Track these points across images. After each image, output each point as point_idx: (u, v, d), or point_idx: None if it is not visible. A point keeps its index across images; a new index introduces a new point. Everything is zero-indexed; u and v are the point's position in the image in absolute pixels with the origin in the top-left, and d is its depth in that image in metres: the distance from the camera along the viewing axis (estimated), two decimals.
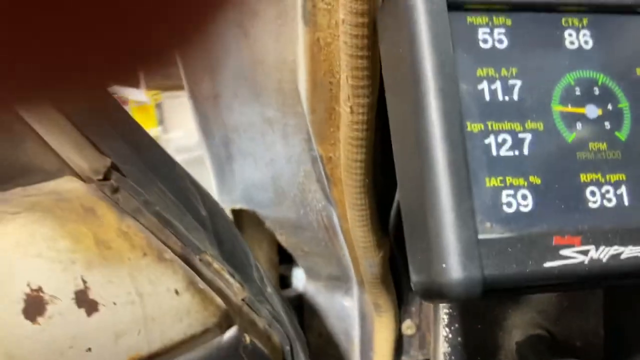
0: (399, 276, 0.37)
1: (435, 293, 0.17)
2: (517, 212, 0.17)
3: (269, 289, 0.34)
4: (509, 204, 0.17)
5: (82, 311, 0.23)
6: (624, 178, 0.18)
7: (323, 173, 0.31)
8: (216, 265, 0.30)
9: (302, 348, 0.36)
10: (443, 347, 0.33)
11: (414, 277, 0.19)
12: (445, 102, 0.17)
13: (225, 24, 0.09)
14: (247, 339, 0.29)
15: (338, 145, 0.28)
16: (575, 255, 0.17)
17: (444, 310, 0.32)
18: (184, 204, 0.30)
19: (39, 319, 0.22)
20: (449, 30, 0.17)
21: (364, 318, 0.41)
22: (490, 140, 0.18)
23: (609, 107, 0.19)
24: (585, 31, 0.19)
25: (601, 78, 0.19)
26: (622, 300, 0.27)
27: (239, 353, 0.28)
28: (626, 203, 0.18)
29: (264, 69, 0.27)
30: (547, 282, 0.17)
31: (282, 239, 0.40)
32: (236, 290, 0.31)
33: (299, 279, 0.47)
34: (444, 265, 0.16)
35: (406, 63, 0.18)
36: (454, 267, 0.16)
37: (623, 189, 0.18)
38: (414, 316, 0.40)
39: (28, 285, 0.22)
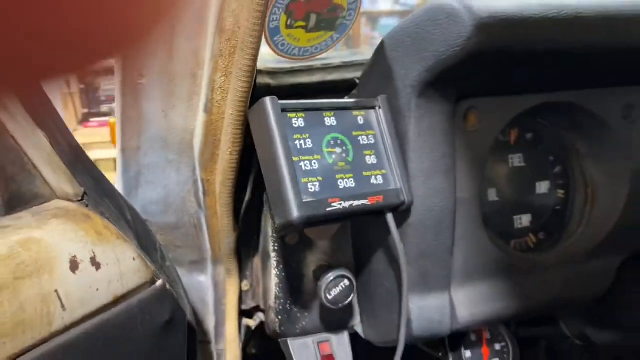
0: (240, 251, 0.61)
1: (287, 226, 0.42)
2: (315, 191, 0.44)
3: (168, 264, 0.54)
4: (311, 188, 0.44)
5: (94, 268, 0.41)
6: (352, 176, 0.46)
7: (201, 189, 0.54)
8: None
9: (188, 304, 0.57)
10: (271, 292, 0.58)
11: (277, 221, 0.43)
12: (284, 149, 0.43)
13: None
14: (167, 286, 0.49)
15: (215, 173, 0.52)
16: (338, 206, 0.44)
17: (273, 271, 0.57)
18: (120, 212, 0.49)
19: (77, 272, 0.40)
20: (284, 118, 0.43)
21: (216, 285, 0.63)
22: (302, 164, 0.44)
23: (344, 147, 0.47)
24: (333, 118, 0.46)
25: (340, 136, 0.47)
26: (359, 231, 0.56)
27: (166, 292, 0.48)
28: (353, 185, 0.46)
29: (174, 132, 0.49)
30: (329, 218, 0.44)
31: (161, 238, 0.60)
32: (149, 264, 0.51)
33: None
34: (290, 213, 0.42)
35: (266, 134, 0.43)
36: (295, 213, 0.42)
37: (352, 181, 0.46)
38: (248, 277, 0.64)
39: (69, 254, 0.40)
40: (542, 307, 0.57)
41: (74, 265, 0.41)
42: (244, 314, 0.65)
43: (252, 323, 0.64)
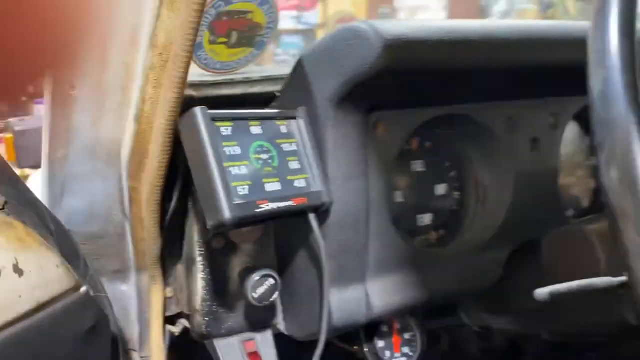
0: (163, 258, 0.63)
1: (219, 226, 0.46)
2: (244, 194, 0.47)
3: (91, 272, 0.55)
4: (241, 192, 0.47)
5: (17, 275, 0.42)
6: (278, 180, 0.50)
7: (127, 198, 0.55)
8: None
9: (111, 312, 0.58)
10: (198, 295, 0.60)
11: (210, 223, 0.46)
12: (215, 156, 0.46)
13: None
14: (91, 293, 0.50)
15: (142, 180, 0.53)
16: (266, 207, 0.48)
17: (199, 275, 0.60)
18: (42, 222, 0.50)
19: None
20: (213, 127, 0.47)
21: (139, 293, 0.64)
22: (232, 169, 0.47)
23: (269, 154, 0.51)
24: (259, 127, 0.50)
25: (265, 144, 0.51)
26: (282, 232, 0.60)
27: (90, 299, 0.49)
28: (279, 188, 0.50)
29: (102, 142, 0.51)
30: (258, 219, 0.47)
31: (84, 248, 0.61)
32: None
33: None
34: (222, 214, 0.45)
35: (197, 142, 0.46)
36: (227, 214, 0.45)
37: (278, 184, 0.50)
38: (172, 284, 0.65)
39: None
40: (444, 294, 0.64)
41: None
42: (167, 320, 0.66)
43: (175, 329, 0.66)
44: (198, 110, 0.46)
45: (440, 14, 5.65)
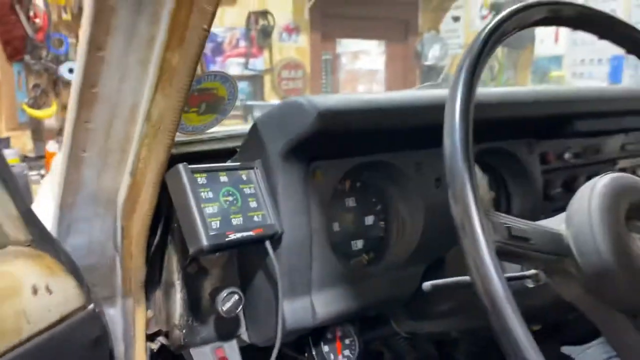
0: (145, 285, 0.76)
1: (199, 252, 0.61)
2: (216, 227, 0.63)
3: (92, 295, 0.68)
4: (214, 225, 0.63)
5: (47, 294, 0.55)
6: (241, 216, 0.66)
7: (120, 235, 0.69)
8: None
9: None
10: (177, 312, 0.74)
11: (191, 250, 0.62)
12: (195, 200, 0.62)
13: None
14: (97, 310, 0.64)
15: (134, 220, 0.68)
16: (233, 237, 0.63)
17: (177, 295, 0.74)
18: (57, 255, 0.64)
19: (36, 296, 0.54)
20: (192, 178, 0.62)
21: (125, 315, 0.78)
22: (207, 209, 0.63)
23: (234, 197, 0.66)
24: (225, 176, 0.66)
25: (231, 189, 0.67)
26: (244, 258, 0.75)
27: (96, 314, 0.63)
28: (242, 222, 0.66)
29: (103, 191, 0.66)
30: (228, 245, 0.63)
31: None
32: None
33: None
34: (201, 242, 0.60)
35: (181, 190, 0.62)
36: (204, 242, 0.61)
37: (241, 219, 0.66)
38: (151, 307, 0.79)
39: (30, 283, 0.54)
40: (375, 303, 0.80)
41: (34, 291, 0.55)
42: (147, 338, 0.80)
43: (154, 346, 0.79)
44: (181, 167, 0.62)
45: (379, 58, 6.00)
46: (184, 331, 0.73)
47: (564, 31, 5.19)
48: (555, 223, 0.61)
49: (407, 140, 0.80)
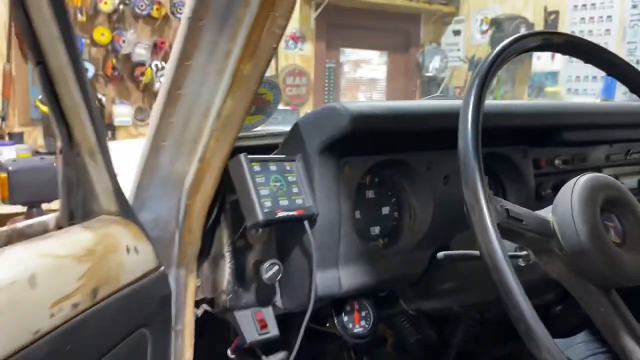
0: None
1: (255, 225, 0.75)
2: (269, 206, 0.77)
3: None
4: (266, 204, 0.77)
5: (135, 254, 0.69)
6: (286, 198, 0.80)
7: (182, 213, 0.83)
8: None
9: None
10: (225, 280, 0.88)
11: (249, 223, 0.76)
12: (252, 183, 0.76)
13: None
14: (166, 271, 0.78)
15: (197, 200, 0.82)
16: (281, 214, 0.78)
17: (227, 265, 0.87)
18: (137, 224, 0.78)
19: (129, 254, 0.68)
20: (250, 166, 0.77)
21: (177, 282, 0.91)
22: (261, 191, 0.77)
23: (281, 182, 0.81)
24: (274, 166, 0.81)
25: (278, 176, 0.81)
26: (282, 235, 0.89)
27: (165, 275, 0.77)
28: (287, 204, 0.80)
29: (175, 175, 0.80)
30: (277, 221, 0.78)
31: None
32: None
33: None
34: (258, 217, 0.75)
35: (242, 176, 0.76)
36: (260, 217, 0.75)
37: (287, 201, 0.80)
38: (199, 276, 0.93)
39: (125, 244, 0.68)
40: (388, 280, 0.95)
41: (127, 250, 0.69)
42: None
43: (198, 312, 0.93)
44: (242, 157, 0.76)
45: (380, 68, 6.15)
46: (230, 296, 0.87)
47: None
48: (544, 212, 0.75)
49: (420, 142, 0.94)
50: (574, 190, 0.74)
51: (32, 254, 0.53)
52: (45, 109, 3.70)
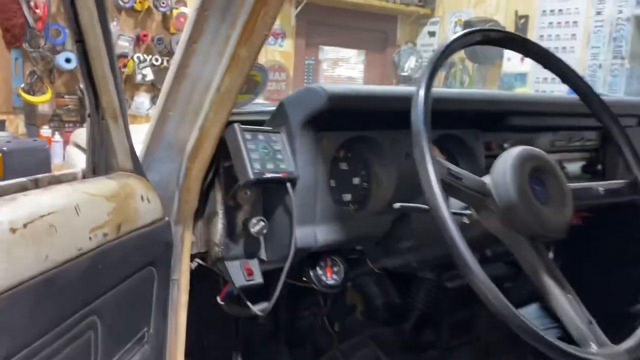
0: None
1: (247, 183, 0.91)
2: (258, 167, 0.93)
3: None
4: (256, 166, 0.93)
5: (147, 202, 0.84)
6: (272, 162, 0.96)
7: (182, 175, 0.98)
8: None
9: None
10: (218, 234, 1.03)
11: (241, 181, 0.91)
12: (245, 148, 0.92)
13: None
14: (169, 220, 0.92)
15: (196, 163, 0.97)
16: (268, 175, 0.93)
17: (219, 221, 1.02)
18: (147, 180, 0.92)
19: (143, 202, 0.82)
20: (243, 134, 0.92)
21: (175, 237, 1.06)
22: (252, 154, 0.93)
23: (268, 149, 0.96)
24: (262, 136, 0.96)
25: (267, 144, 0.96)
26: (269, 196, 1.05)
27: (169, 224, 0.91)
28: (273, 167, 0.96)
29: (178, 141, 0.95)
30: (265, 181, 0.93)
31: None
32: None
33: None
34: (249, 175, 0.90)
35: (236, 142, 0.92)
36: (251, 176, 0.90)
37: (272, 164, 0.96)
38: (194, 233, 1.07)
39: (139, 193, 0.82)
40: (358, 238, 1.11)
41: (141, 198, 0.83)
42: None
43: (192, 265, 1.08)
44: (236, 126, 0.92)
45: (357, 66, 6.33)
46: (221, 248, 1.02)
47: None
48: (483, 178, 0.92)
49: (386, 122, 1.11)
50: (507, 159, 0.91)
51: (74, 190, 0.68)
52: (27, 97, 3.78)
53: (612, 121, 1.06)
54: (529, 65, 5.61)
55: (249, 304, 1.07)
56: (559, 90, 5.22)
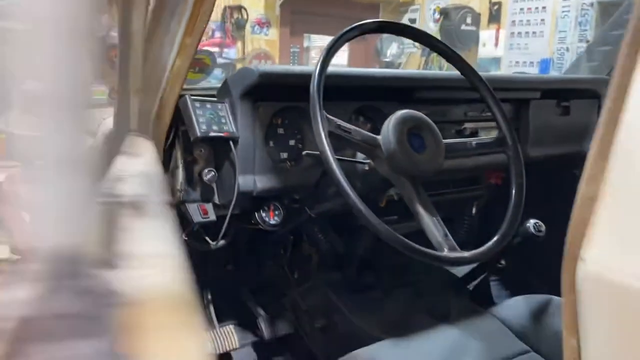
0: None
1: (196, 140, 1.21)
2: (204, 127, 1.23)
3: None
4: (203, 126, 1.23)
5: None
6: (217, 125, 1.26)
7: (150, 137, 1.28)
8: None
9: None
10: (179, 182, 1.33)
11: (192, 137, 1.21)
12: (194, 114, 1.22)
13: None
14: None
15: (159, 128, 1.27)
16: (214, 134, 1.24)
17: (181, 172, 1.33)
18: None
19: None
20: (193, 104, 1.23)
21: None
22: (200, 118, 1.23)
23: (214, 114, 1.26)
24: (209, 105, 1.26)
25: (213, 112, 1.27)
26: (218, 152, 1.35)
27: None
28: (218, 128, 1.26)
29: (144, 111, 1.25)
30: (211, 137, 1.24)
31: None
32: None
33: None
34: (197, 133, 1.20)
35: (188, 110, 1.22)
36: (198, 133, 1.21)
37: (217, 127, 1.26)
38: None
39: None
40: (292, 186, 1.41)
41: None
42: None
43: None
44: (187, 97, 1.22)
45: (342, 54, 6.59)
46: (182, 193, 1.33)
47: (503, 37, 5.88)
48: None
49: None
50: (392, 118, 1.21)
51: None
52: None
53: (487, 92, 1.36)
54: (502, 49, 5.87)
55: (207, 238, 1.38)
56: (529, 72, 5.51)
